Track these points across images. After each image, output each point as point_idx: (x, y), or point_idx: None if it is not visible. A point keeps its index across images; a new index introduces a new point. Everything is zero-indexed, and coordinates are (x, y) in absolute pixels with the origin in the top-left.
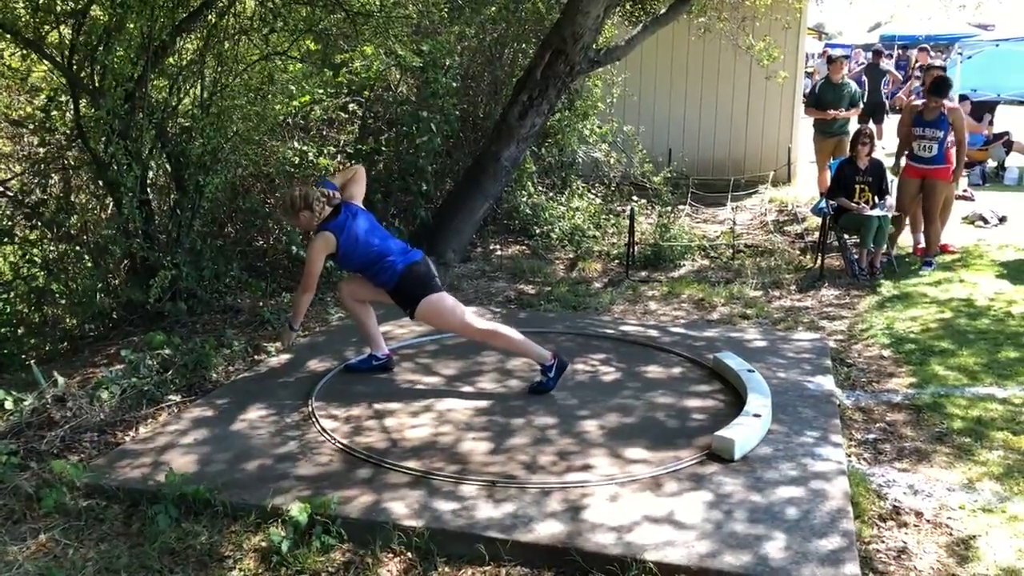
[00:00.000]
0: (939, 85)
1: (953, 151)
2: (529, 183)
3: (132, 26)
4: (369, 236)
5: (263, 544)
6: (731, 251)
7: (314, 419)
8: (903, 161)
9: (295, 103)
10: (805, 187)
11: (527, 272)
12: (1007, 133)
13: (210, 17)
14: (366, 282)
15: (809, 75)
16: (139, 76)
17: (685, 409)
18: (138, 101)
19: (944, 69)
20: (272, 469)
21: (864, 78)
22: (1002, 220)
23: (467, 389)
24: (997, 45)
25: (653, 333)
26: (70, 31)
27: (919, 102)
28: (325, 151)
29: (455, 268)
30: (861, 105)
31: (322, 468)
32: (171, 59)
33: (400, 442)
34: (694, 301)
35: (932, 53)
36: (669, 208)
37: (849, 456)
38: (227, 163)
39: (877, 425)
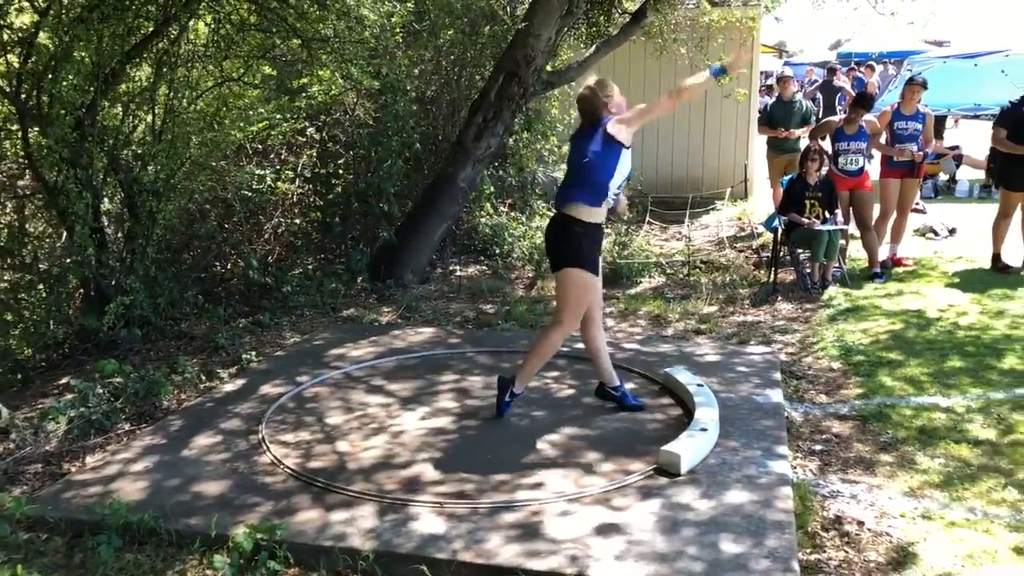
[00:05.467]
0: (867, 98)
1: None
2: (488, 204)
3: (81, 54)
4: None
5: (207, 572)
6: (687, 268)
7: (264, 444)
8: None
9: (252, 128)
10: (762, 203)
11: (486, 292)
12: (957, 147)
13: (161, 44)
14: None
15: (769, 91)
16: (89, 104)
17: (636, 424)
18: (89, 129)
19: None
20: (221, 496)
21: (819, 95)
22: (952, 232)
23: (423, 409)
24: (944, 61)
25: (608, 350)
26: (17, 59)
27: (836, 118)
28: (283, 175)
29: (414, 289)
30: (814, 122)
31: (271, 493)
32: (124, 86)
33: (351, 464)
34: (650, 317)
35: (892, 69)
36: (627, 226)
37: (795, 467)
38: (182, 189)
39: (824, 436)
